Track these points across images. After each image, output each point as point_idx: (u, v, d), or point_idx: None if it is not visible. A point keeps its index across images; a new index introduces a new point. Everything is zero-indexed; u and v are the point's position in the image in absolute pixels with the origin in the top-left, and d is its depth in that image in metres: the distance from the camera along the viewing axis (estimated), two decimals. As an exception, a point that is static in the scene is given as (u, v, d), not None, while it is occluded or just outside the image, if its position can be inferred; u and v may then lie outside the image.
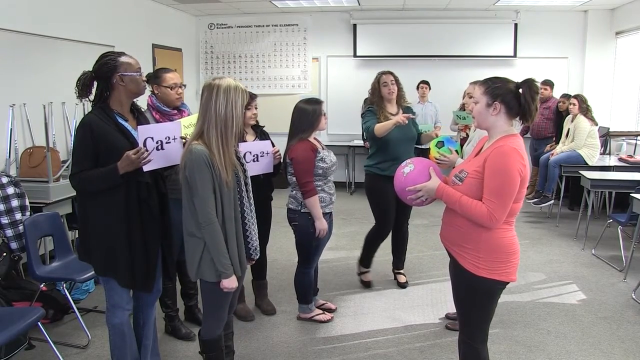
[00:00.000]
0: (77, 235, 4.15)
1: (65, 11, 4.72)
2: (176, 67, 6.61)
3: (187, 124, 2.53)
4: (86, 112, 4.23)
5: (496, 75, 2.03)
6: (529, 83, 1.93)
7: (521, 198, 1.94)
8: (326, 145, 3.37)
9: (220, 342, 2.32)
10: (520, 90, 1.94)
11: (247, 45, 7.73)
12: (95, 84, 2.20)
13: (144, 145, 2.18)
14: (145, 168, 2.18)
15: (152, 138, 2.22)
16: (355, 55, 7.42)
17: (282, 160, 3.13)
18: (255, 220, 2.29)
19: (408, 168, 2.14)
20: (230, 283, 2.10)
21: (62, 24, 4.66)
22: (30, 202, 3.43)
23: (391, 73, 3.65)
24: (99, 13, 5.21)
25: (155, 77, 2.78)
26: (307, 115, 2.99)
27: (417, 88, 6.55)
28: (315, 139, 3.09)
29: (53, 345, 2.71)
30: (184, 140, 2.36)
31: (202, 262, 2.09)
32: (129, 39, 5.60)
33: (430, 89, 6.54)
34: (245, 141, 3.02)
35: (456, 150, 2.68)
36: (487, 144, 2.03)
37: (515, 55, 7.08)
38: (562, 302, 3.58)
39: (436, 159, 2.65)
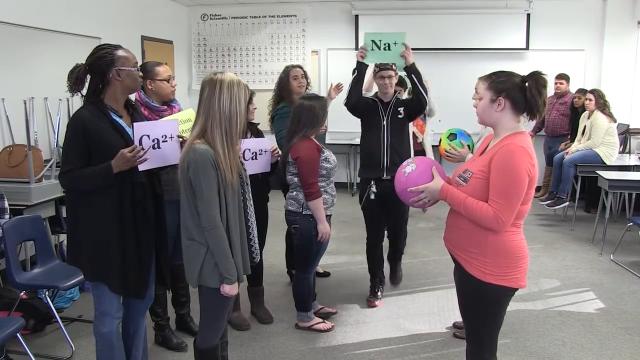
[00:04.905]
0: (60, 240, 4.15)
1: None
2: (167, 61, 6.62)
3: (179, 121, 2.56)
4: (71, 108, 4.29)
5: (505, 70, 2.03)
6: (535, 76, 1.94)
7: (529, 199, 1.95)
8: (326, 144, 3.38)
9: (217, 352, 2.34)
10: (527, 84, 1.94)
11: (243, 37, 7.74)
12: (88, 77, 2.21)
13: (140, 143, 2.19)
14: (141, 167, 2.19)
15: (148, 136, 2.24)
16: (357, 48, 7.36)
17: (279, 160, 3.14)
18: (255, 223, 2.32)
19: (409, 168, 2.15)
20: (232, 289, 2.13)
21: (45, 14, 4.67)
22: (10, 205, 3.42)
23: (300, 67, 3.81)
24: (84, 2, 5.23)
25: (147, 72, 2.79)
26: (314, 111, 3.01)
27: None
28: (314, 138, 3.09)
29: (33, 358, 2.72)
30: (180, 139, 2.38)
31: (203, 267, 2.12)
32: (116, 30, 5.61)
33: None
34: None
35: (468, 145, 2.68)
36: (492, 142, 2.03)
37: (527, 48, 7.08)
38: (578, 311, 3.58)
39: (446, 151, 2.66)
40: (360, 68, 3.42)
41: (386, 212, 3.57)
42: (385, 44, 3.36)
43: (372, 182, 3.45)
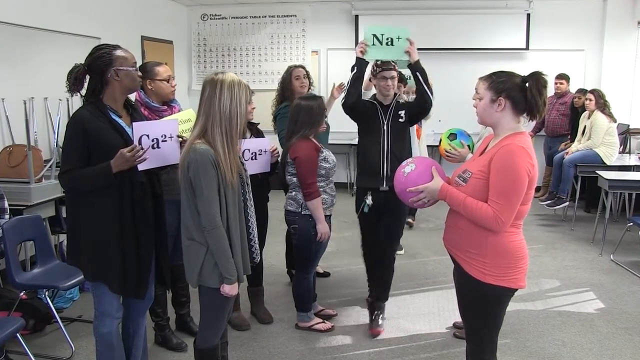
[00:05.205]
0: (60, 240, 4.16)
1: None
2: (167, 61, 6.63)
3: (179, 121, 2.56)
4: (71, 108, 4.29)
5: (505, 70, 2.04)
6: (536, 76, 1.94)
7: (529, 200, 1.95)
8: (329, 144, 3.38)
9: (217, 352, 2.35)
10: (527, 84, 1.94)
11: (243, 37, 7.74)
12: (88, 78, 2.21)
13: (139, 143, 2.20)
14: (140, 167, 2.20)
15: (147, 136, 2.25)
16: (357, 48, 7.43)
17: (278, 160, 3.15)
18: (256, 223, 2.33)
19: (409, 168, 2.15)
20: (232, 289, 2.14)
21: (45, 14, 4.67)
22: (9, 205, 3.42)
23: (303, 67, 3.80)
24: (84, 2, 5.23)
25: (147, 72, 2.80)
26: (312, 111, 3.01)
27: None
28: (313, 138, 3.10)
29: (33, 358, 2.73)
30: (180, 139, 2.38)
31: (204, 267, 2.12)
32: (116, 30, 5.61)
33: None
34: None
35: (468, 145, 2.68)
36: (492, 142, 2.04)
37: (527, 48, 7.09)
38: (578, 311, 3.58)
39: (446, 151, 2.66)
40: (360, 65, 3.10)
41: (380, 225, 3.24)
42: (387, 39, 3.06)
43: (369, 193, 3.16)
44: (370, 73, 3.29)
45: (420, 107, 3.19)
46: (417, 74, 3.08)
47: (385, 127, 3.16)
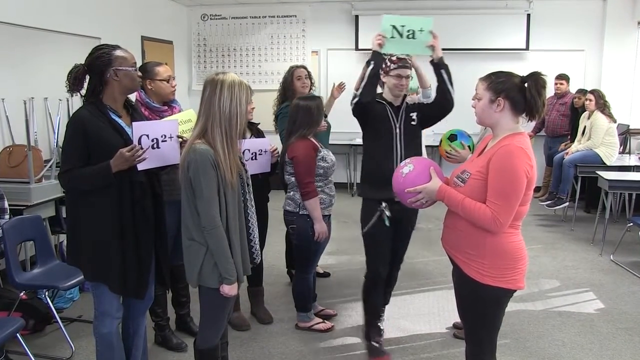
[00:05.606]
0: (60, 240, 4.16)
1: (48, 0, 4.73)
2: (167, 61, 6.62)
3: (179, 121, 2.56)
4: (71, 108, 4.29)
5: (504, 70, 2.04)
6: (535, 76, 1.94)
7: (528, 201, 1.95)
8: (329, 144, 3.38)
9: (217, 352, 2.35)
10: (526, 85, 1.94)
11: (243, 37, 7.74)
12: (88, 78, 2.22)
13: (139, 142, 2.20)
14: (140, 167, 2.20)
15: (147, 136, 2.25)
16: (357, 49, 7.43)
17: (278, 160, 3.16)
18: (257, 223, 2.33)
19: (407, 168, 2.16)
20: (231, 289, 2.14)
21: (45, 14, 4.67)
22: (9, 205, 3.43)
23: (304, 67, 3.79)
24: (84, 2, 5.23)
25: (147, 72, 2.80)
26: (311, 111, 3.02)
27: None
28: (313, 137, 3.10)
29: (33, 358, 2.73)
30: (180, 140, 2.38)
31: (203, 267, 2.12)
32: (116, 30, 5.61)
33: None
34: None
35: (469, 146, 2.68)
36: (491, 143, 2.04)
37: (527, 48, 7.09)
38: (578, 312, 3.58)
39: (446, 152, 2.65)
40: (377, 59, 2.72)
41: (396, 236, 2.91)
42: (409, 31, 2.71)
43: (385, 205, 2.73)
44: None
45: (442, 109, 2.80)
46: (442, 71, 2.76)
47: (397, 131, 2.80)
